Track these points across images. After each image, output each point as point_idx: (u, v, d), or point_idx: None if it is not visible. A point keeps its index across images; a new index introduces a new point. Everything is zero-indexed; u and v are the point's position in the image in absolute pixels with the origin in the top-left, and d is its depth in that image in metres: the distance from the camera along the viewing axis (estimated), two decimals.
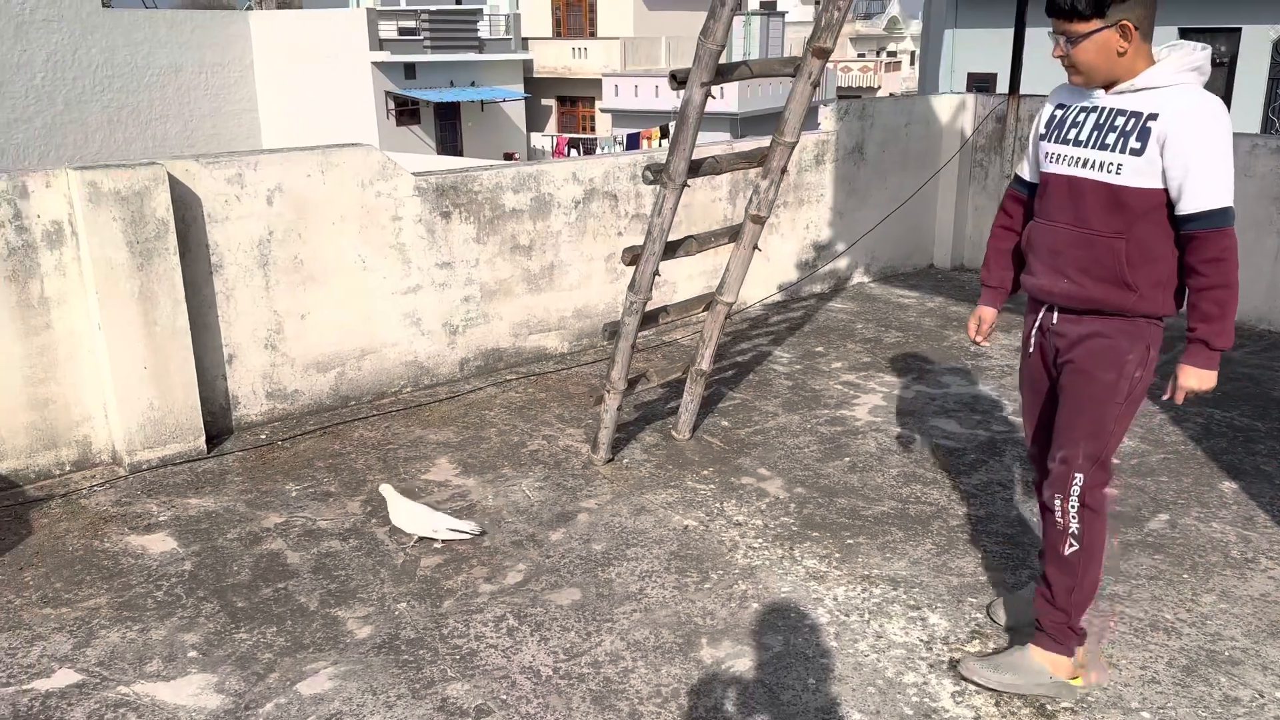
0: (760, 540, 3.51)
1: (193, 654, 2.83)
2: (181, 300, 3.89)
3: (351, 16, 25.41)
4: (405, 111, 26.40)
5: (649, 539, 3.50)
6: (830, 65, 34.95)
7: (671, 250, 3.89)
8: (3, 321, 3.67)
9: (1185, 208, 2.39)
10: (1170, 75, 2.41)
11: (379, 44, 25.11)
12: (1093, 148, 2.49)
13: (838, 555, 3.41)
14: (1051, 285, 2.59)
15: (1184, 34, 14.42)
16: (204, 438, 4.09)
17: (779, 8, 35.36)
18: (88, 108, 23.11)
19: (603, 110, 29.99)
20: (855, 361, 5.38)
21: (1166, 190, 2.41)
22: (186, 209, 3.94)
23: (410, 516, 3.45)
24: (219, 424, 4.25)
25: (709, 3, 3.46)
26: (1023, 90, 6.99)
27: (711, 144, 5.89)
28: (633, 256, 3.81)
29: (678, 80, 3.45)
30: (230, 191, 4.05)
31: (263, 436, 4.29)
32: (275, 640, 2.89)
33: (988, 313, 2.93)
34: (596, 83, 30.15)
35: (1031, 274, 2.67)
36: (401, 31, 26.34)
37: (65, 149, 22.76)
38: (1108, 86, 2.47)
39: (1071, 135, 2.53)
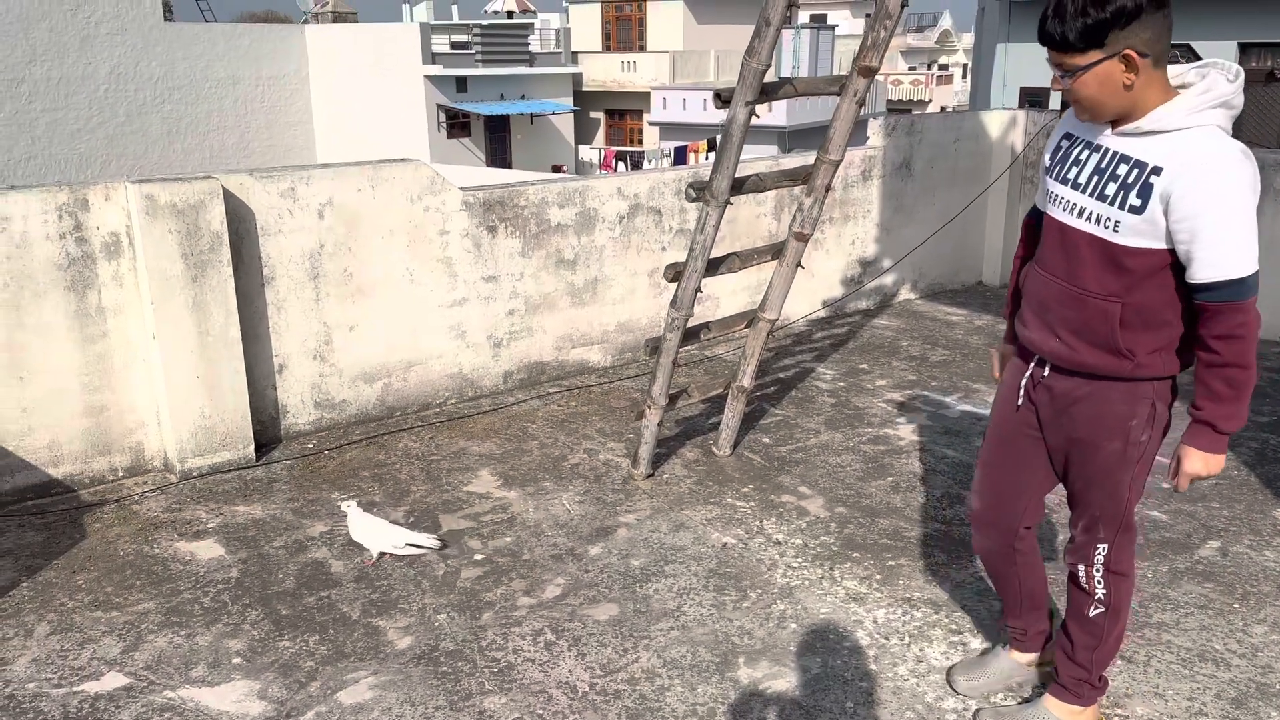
0: (800, 560, 3.49)
1: (237, 660, 2.89)
2: (234, 311, 3.98)
3: (406, 30, 25.83)
4: (456, 124, 26.75)
5: (688, 556, 3.50)
6: (880, 79, 34.70)
7: (714, 267, 3.90)
8: (62, 330, 3.78)
9: (1194, 276, 2.10)
10: (1183, 117, 2.07)
11: (432, 58, 25.49)
12: (1091, 196, 2.18)
13: (879, 577, 3.38)
14: (1042, 342, 2.34)
15: (1244, 48, 14.13)
16: (253, 446, 4.17)
17: (829, 21, 35.27)
18: (148, 119, 23.72)
19: (651, 123, 30.09)
20: (900, 379, 5.33)
21: (1173, 251, 2.12)
22: (240, 222, 4.03)
23: (369, 532, 3.44)
24: (268, 433, 4.33)
25: (757, 15, 3.47)
26: None
27: (756, 160, 5.89)
28: (675, 273, 3.82)
29: (722, 99, 3.46)
30: (283, 205, 4.14)
31: (310, 446, 4.37)
32: (317, 649, 2.94)
33: (1007, 349, 2.66)
34: (645, 96, 30.28)
35: (1024, 324, 2.41)
36: (454, 45, 26.72)
37: (126, 159, 23.37)
38: (1117, 123, 2.15)
39: (1071, 175, 2.23)
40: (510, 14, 33.55)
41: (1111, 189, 2.14)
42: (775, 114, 24.76)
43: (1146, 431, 2.30)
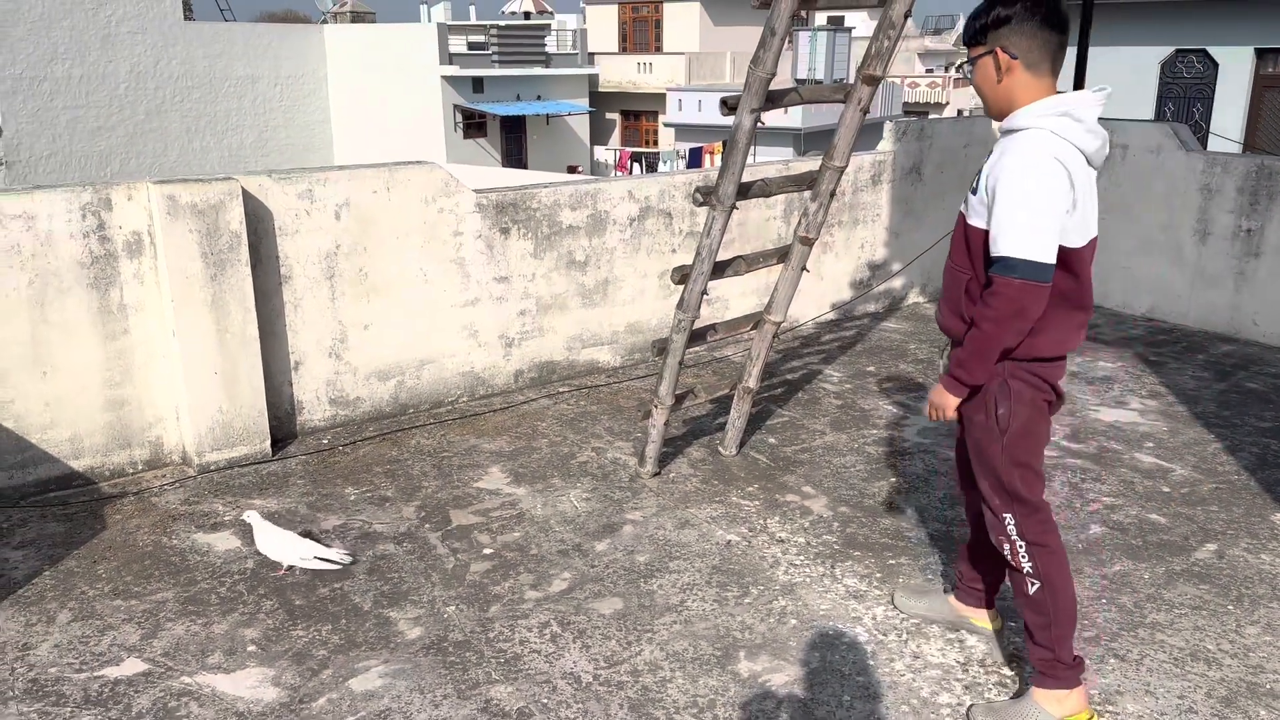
0: (802, 557, 3.56)
1: (252, 648, 2.98)
2: (252, 309, 4.08)
3: (423, 31, 25.99)
4: (472, 124, 26.90)
5: (691, 552, 3.57)
6: (896, 81, 34.56)
7: (720, 270, 3.97)
8: (85, 326, 3.88)
9: (992, 251, 2.40)
10: (1026, 119, 2.39)
11: (449, 58, 25.64)
12: (970, 185, 2.55)
13: (879, 575, 3.45)
14: (936, 314, 2.72)
15: (1260, 53, 14.10)
16: (269, 441, 4.27)
17: (846, 24, 35.23)
18: (167, 117, 23.93)
19: (666, 124, 30.16)
20: (907, 382, 5.39)
21: None
22: (259, 222, 4.13)
23: (277, 545, 3.39)
24: (284, 428, 4.43)
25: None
26: None
27: (766, 164, 5.96)
28: (681, 276, 3.89)
29: (729, 107, 3.54)
30: (300, 206, 4.23)
31: (325, 441, 4.46)
32: (330, 638, 3.03)
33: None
34: (660, 97, 30.35)
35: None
36: (471, 46, 26.86)
37: (145, 157, 23.60)
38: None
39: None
40: (527, 15, 33.67)
41: (975, 177, 2.52)
42: (791, 116, 24.78)
43: (1004, 405, 2.51)
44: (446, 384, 4.92)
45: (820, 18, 31.98)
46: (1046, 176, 2.32)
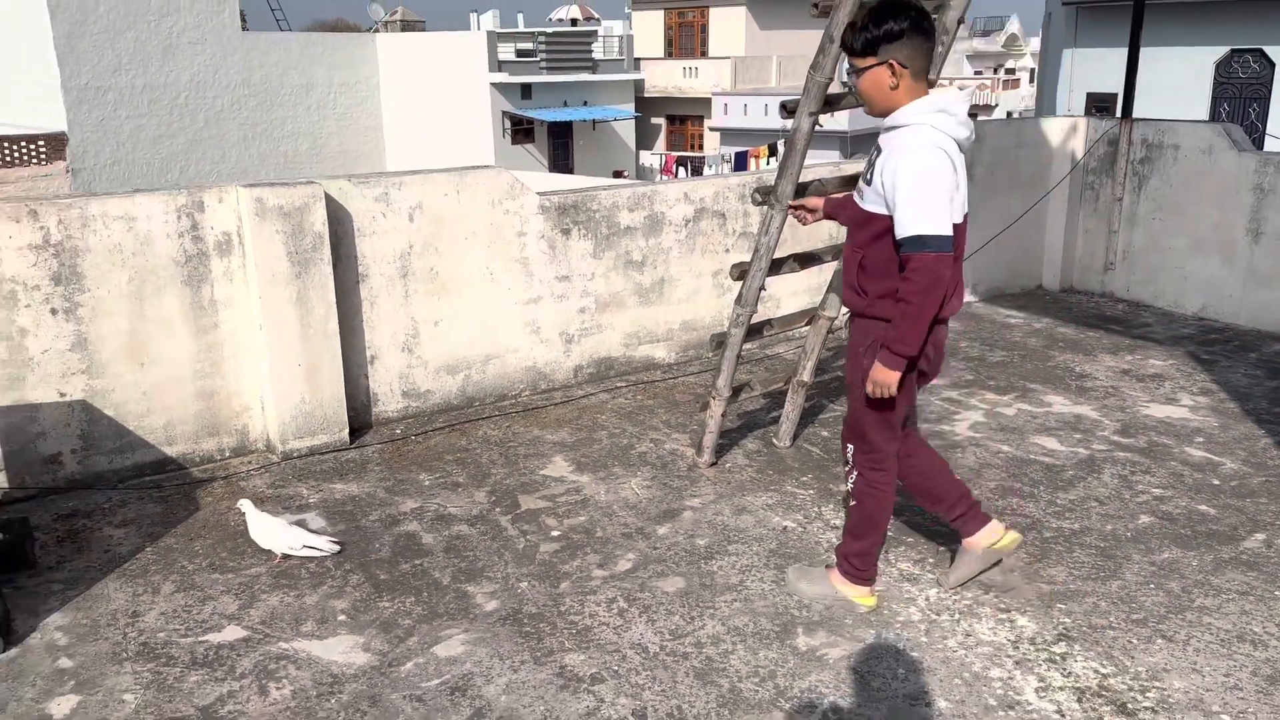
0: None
1: (342, 618, 3.20)
2: (333, 306, 4.32)
3: (472, 39, 26.42)
4: (520, 130, 27.26)
5: (749, 537, 3.74)
6: (945, 83, 34.43)
7: (776, 267, 4.13)
8: (178, 321, 4.15)
9: (896, 231, 2.78)
10: (909, 116, 2.78)
11: (498, 65, 26.03)
12: (863, 175, 2.95)
13: (931, 560, 3.58)
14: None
15: None
16: (348, 430, 4.51)
17: None
18: (225, 125, 24.57)
19: (711, 129, 30.33)
20: (958, 378, 5.50)
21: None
22: (339, 223, 4.37)
23: (268, 533, 3.49)
24: (360, 419, 4.67)
25: (820, 22, 3.70)
26: (1137, 113, 6.98)
27: (819, 164, 6.10)
28: (740, 272, 4.06)
29: (788, 110, 3.70)
30: (377, 209, 4.47)
31: (398, 431, 4.70)
32: (413, 609, 3.24)
33: (814, 202, 3.52)
34: (706, 101, 30.52)
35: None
36: (519, 53, 27.24)
37: (204, 164, 24.25)
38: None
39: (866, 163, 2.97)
40: (574, 21, 34.03)
41: (866, 169, 2.91)
42: (838, 120, 24.84)
43: (871, 358, 2.94)
44: (510, 378, 5.13)
45: None
46: (936, 164, 2.73)
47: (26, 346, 3.87)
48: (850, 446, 3.16)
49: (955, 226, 2.79)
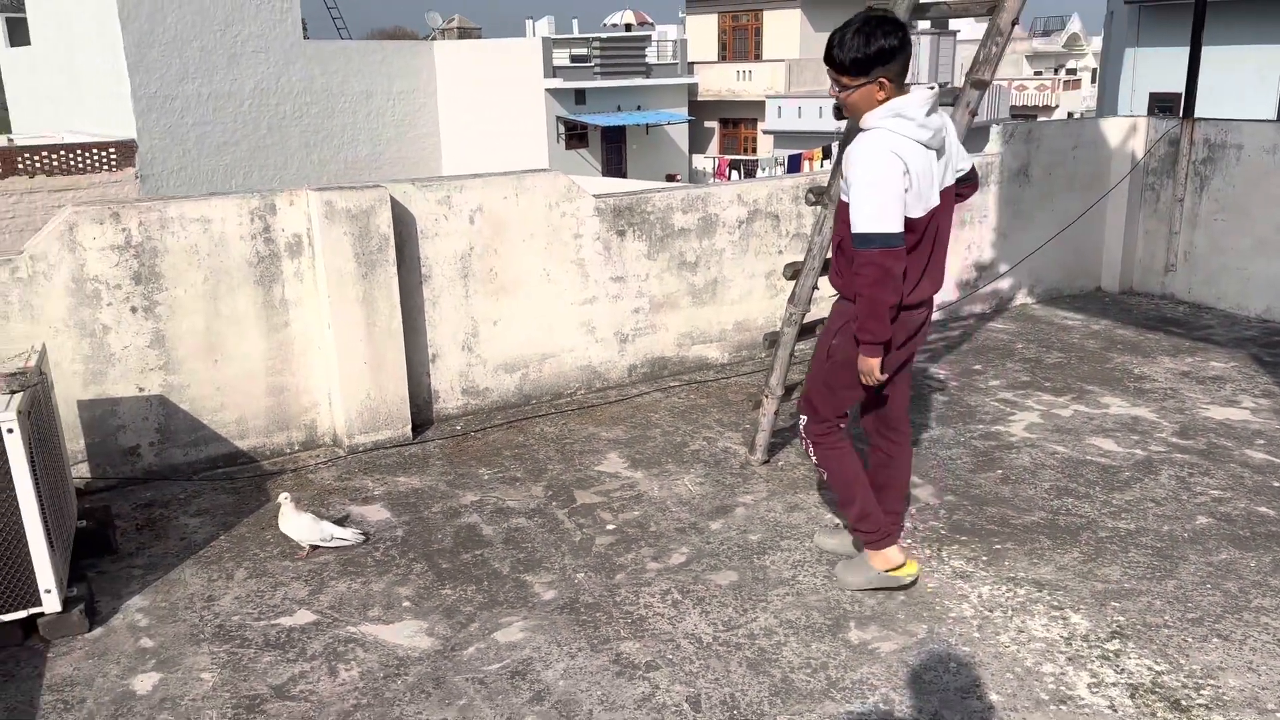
0: (909, 540, 3.73)
1: (406, 604, 3.32)
2: (397, 305, 4.46)
3: (528, 45, 26.70)
4: (574, 135, 27.49)
5: (801, 533, 3.79)
6: (1004, 84, 33.80)
7: (827, 269, 4.16)
8: (251, 319, 4.32)
9: (853, 229, 2.94)
10: (870, 120, 2.92)
11: (553, 71, 26.28)
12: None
13: (985, 558, 3.60)
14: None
15: None
16: (410, 426, 4.65)
17: (950, 27, 34.77)
18: (288, 132, 25.13)
19: (765, 131, 30.28)
20: (1013, 379, 5.48)
21: None
22: (403, 226, 4.51)
23: (298, 527, 3.60)
24: (422, 415, 4.81)
25: None
26: (1202, 113, 6.88)
27: None
28: (794, 271, 4.11)
29: (840, 113, 3.74)
30: (439, 211, 4.61)
31: (458, 427, 4.83)
32: (475, 596, 3.35)
33: None
34: (759, 104, 30.47)
35: None
36: (574, 59, 27.47)
37: (267, 170, 24.84)
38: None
39: None
40: (629, 27, 34.21)
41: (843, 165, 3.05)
42: None
43: (839, 339, 3.17)
44: (566, 377, 5.24)
45: (924, 22, 31.57)
46: (883, 166, 2.87)
47: (108, 343, 4.07)
48: (804, 418, 3.34)
49: (918, 219, 2.95)
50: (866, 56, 2.85)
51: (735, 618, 3.23)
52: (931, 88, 2.93)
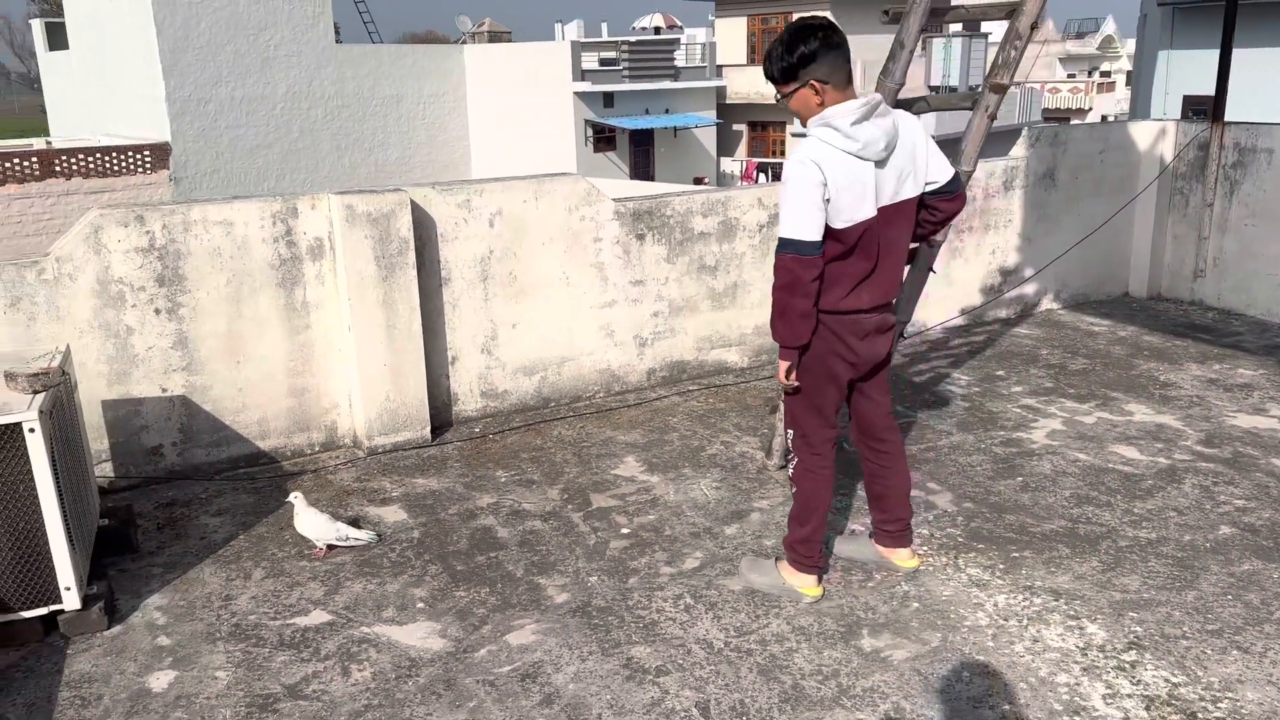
0: (925, 548, 3.70)
1: (420, 605, 3.34)
2: (417, 308, 4.49)
3: (557, 49, 26.78)
4: (602, 138, 27.53)
5: None
6: (1036, 86, 33.34)
7: None
8: (273, 321, 4.37)
9: None
10: (808, 129, 2.98)
11: (581, 74, 26.33)
12: None
13: (1001, 566, 3.57)
14: None
15: None
16: (429, 428, 4.68)
17: (981, 29, 34.54)
18: (319, 135, 25.36)
19: (793, 134, 30.16)
20: (1036, 386, 5.43)
21: None
22: (423, 229, 4.55)
23: (313, 526, 3.64)
24: (441, 417, 4.84)
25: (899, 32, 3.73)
26: (1237, 117, 6.78)
27: None
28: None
29: None
30: (459, 215, 4.64)
31: (476, 430, 4.85)
32: (488, 599, 3.36)
33: None
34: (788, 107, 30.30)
35: None
36: (602, 62, 27.52)
37: (299, 173, 25.08)
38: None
39: None
40: (657, 30, 34.25)
41: None
42: (924, 124, 24.49)
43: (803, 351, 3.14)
44: (584, 380, 5.25)
45: (955, 24, 31.31)
46: (800, 175, 2.91)
47: (132, 344, 4.13)
48: (790, 434, 3.33)
49: (837, 231, 2.95)
50: (790, 64, 2.95)
51: (747, 623, 3.22)
52: (866, 100, 2.95)
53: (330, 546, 3.70)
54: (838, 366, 3.14)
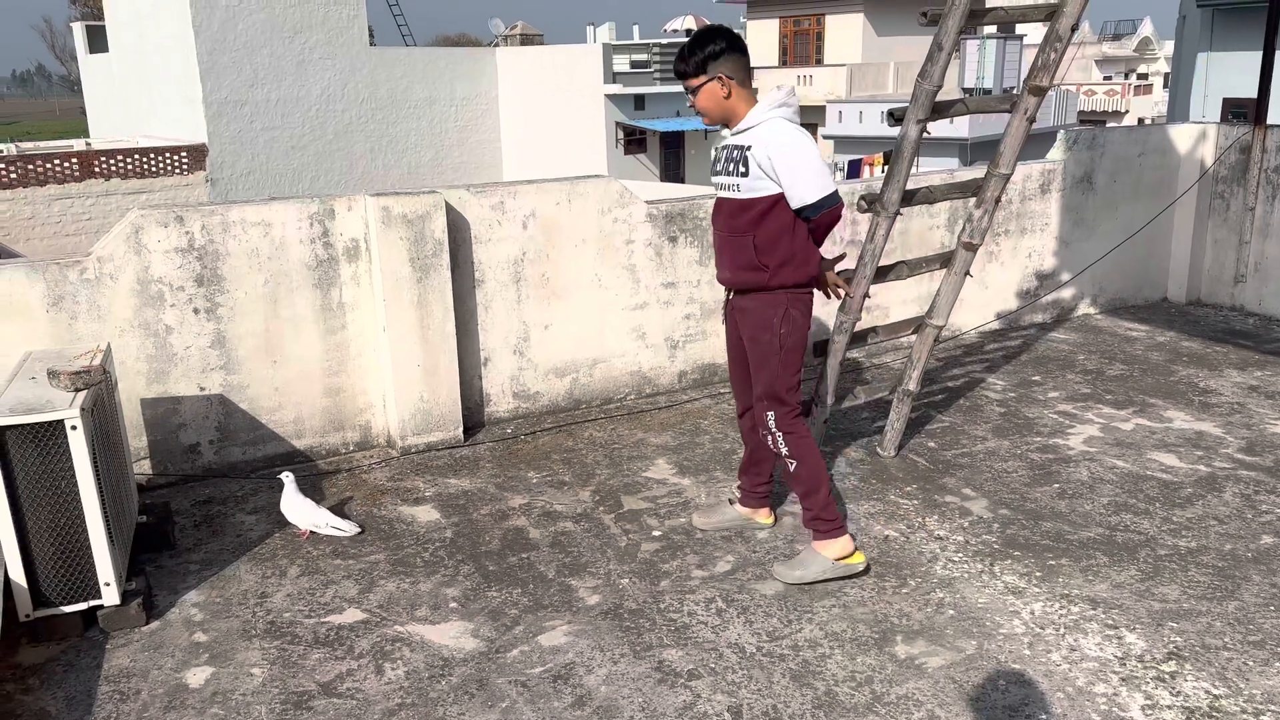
0: (960, 555, 3.67)
1: (453, 605, 3.35)
2: (451, 309, 4.52)
3: (589, 51, 26.84)
4: (633, 140, 27.55)
5: None
6: (1072, 89, 33.03)
7: (882, 274, 4.12)
8: (309, 321, 4.40)
9: (793, 203, 3.25)
10: (761, 115, 3.25)
11: (612, 77, 26.37)
12: (724, 175, 3.37)
13: (1038, 574, 3.52)
14: (721, 276, 3.50)
15: None
16: (462, 429, 4.70)
17: (1017, 30, 34.18)
18: (353, 137, 25.57)
19: (825, 136, 30.01)
20: (1073, 392, 5.36)
21: (781, 195, 3.25)
22: (457, 231, 4.57)
23: (297, 510, 3.79)
24: (473, 418, 4.86)
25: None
26: (1272, 119, 6.67)
27: (931, 173, 6.05)
28: (845, 279, 4.07)
29: (895, 117, 3.71)
30: (493, 217, 4.66)
31: (508, 431, 4.87)
32: (520, 599, 3.37)
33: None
34: (820, 109, 30.20)
35: (716, 267, 3.54)
36: (634, 65, 27.54)
37: (333, 174, 25.31)
38: (726, 126, 3.34)
39: (717, 168, 3.41)
40: (689, 32, 34.18)
41: (731, 167, 3.33)
42: (957, 126, 24.27)
43: (785, 325, 3.37)
44: (616, 382, 5.25)
45: (989, 26, 31.09)
46: (809, 141, 3.25)
47: (171, 343, 4.18)
48: (771, 414, 3.44)
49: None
50: (702, 57, 3.24)
51: (780, 628, 3.20)
52: (792, 89, 3.36)
53: (312, 531, 3.80)
54: (806, 336, 3.48)
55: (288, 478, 3.85)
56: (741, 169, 3.29)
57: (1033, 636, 3.14)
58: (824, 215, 3.31)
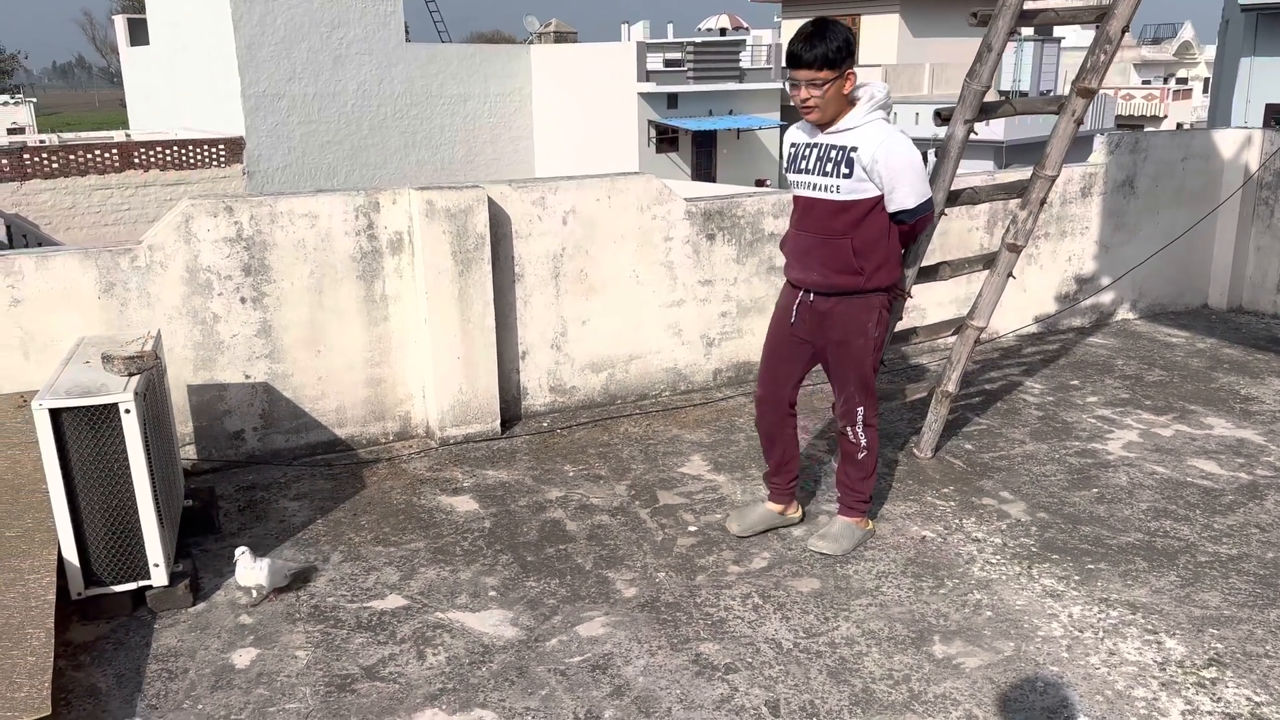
0: (998, 557, 3.66)
1: (492, 593, 3.39)
2: (490, 303, 4.56)
3: (623, 50, 26.88)
4: (665, 139, 27.56)
5: (886, 544, 3.75)
6: (1110, 93, 32.68)
7: (926, 275, 4.12)
8: (353, 313, 4.46)
9: (891, 207, 3.30)
10: (860, 118, 3.25)
11: (646, 75, 26.39)
12: (818, 175, 3.34)
13: (1077, 578, 3.51)
14: (806, 278, 3.45)
15: None
16: (499, 421, 4.75)
17: (1055, 33, 33.83)
18: (388, 132, 25.79)
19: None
20: (1112, 397, 5.32)
21: (880, 198, 3.28)
22: (498, 226, 4.61)
23: (255, 576, 3.29)
24: (510, 411, 4.90)
25: (974, 29, 3.69)
26: None
27: (971, 174, 6.02)
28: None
29: (942, 118, 3.71)
30: (534, 212, 4.70)
31: (545, 424, 4.91)
32: (558, 590, 3.41)
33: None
34: None
35: (790, 268, 3.55)
36: (667, 63, 27.54)
37: (367, 169, 25.52)
38: (824, 128, 3.30)
39: (803, 166, 3.39)
40: (723, 31, 34.17)
41: (829, 168, 3.31)
42: (993, 129, 24.11)
43: (878, 327, 3.48)
44: (651, 378, 5.28)
45: (1027, 29, 30.73)
46: (915, 148, 3.30)
47: (218, 331, 4.25)
48: (861, 409, 3.55)
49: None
50: (839, 53, 3.16)
51: (816, 625, 3.22)
52: (883, 88, 3.31)
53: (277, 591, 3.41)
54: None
55: (241, 551, 3.34)
56: (844, 170, 3.27)
57: (1071, 639, 3.14)
58: (919, 220, 3.39)
